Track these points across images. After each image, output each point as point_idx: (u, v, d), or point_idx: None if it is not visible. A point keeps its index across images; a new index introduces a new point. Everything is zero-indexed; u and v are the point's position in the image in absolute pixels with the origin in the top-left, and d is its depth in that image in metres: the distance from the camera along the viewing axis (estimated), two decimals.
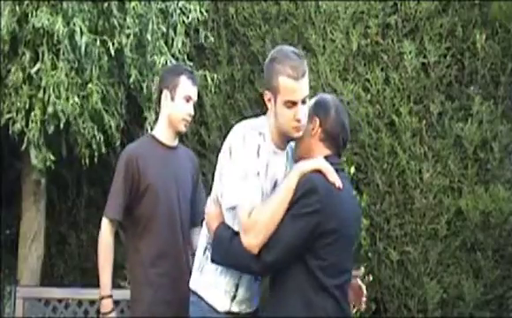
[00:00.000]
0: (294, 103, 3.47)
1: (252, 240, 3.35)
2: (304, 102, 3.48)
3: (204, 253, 3.74)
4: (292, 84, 3.45)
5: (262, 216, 3.37)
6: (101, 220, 4.16)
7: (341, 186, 3.36)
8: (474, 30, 6.39)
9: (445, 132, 6.38)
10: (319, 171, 3.37)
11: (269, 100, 3.55)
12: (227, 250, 3.45)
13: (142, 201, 4.20)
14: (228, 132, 3.66)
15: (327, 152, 3.46)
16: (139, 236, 4.22)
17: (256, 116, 3.74)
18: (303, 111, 3.48)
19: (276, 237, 3.31)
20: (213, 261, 3.55)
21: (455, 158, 6.34)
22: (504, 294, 6.19)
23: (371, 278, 6.25)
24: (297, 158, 3.58)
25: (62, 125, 5.79)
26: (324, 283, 3.34)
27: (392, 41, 6.53)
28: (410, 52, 6.39)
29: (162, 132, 4.31)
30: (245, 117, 3.82)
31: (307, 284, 3.34)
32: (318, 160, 3.41)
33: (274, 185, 3.57)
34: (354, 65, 6.62)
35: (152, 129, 6.03)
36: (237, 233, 3.44)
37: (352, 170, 6.24)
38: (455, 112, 6.41)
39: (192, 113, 4.30)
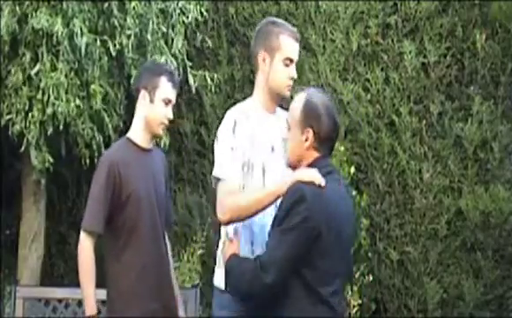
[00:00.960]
0: (291, 61, 3.76)
1: (220, 215, 3.58)
2: (294, 63, 3.79)
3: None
4: (293, 43, 3.76)
5: (235, 203, 3.54)
6: None
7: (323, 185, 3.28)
8: (474, 30, 6.39)
9: (445, 132, 6.38)
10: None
11: (264, 60, 3.77)
12: (233, 275, 3.41)
13: (125, 210, 3.96)
14: None
15: (317, 155, 3.38)
16: (121, 247, 3.98)
17: None
18: (294, 71, 3.77)
19: (273, 255, 3.25)
20: (225, 290, 3.51)
21: (455, 158, 6.34)
22: (504, 294, 6.19)
23: (371, 278, 6.26)
24: (287, 163, 3.53)
25: (61, 127, 5.78)
26: (321, 294, 3.28)
27: (392, 41, 6.53)
28: (410, 52, 6.39)
29: (138, 134, 4.06)
30: None
31: (303, 296, 3.27)
32: (311, 173, 3.33)
33: (272, 150, 3.75)
34: (354, 65, 6.62)
35: None
36: (244, 260, 3.43)
37: (352, 170, 6.24)
38: (455, 112, 6.41)
39: (171, 117, 4.07)
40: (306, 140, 3.38)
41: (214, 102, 6.92)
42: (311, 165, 3.36)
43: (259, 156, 3.74)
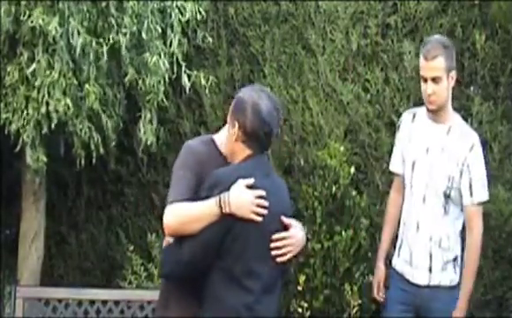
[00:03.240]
0: (425, 79, 4.40)
1: None
2: (434, 80, 4.38)
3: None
4: (423, 63, 4.39)
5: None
6: (100, 220, 4.04)
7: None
8: (474, 30, 6.39)
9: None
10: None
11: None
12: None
13: None
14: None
15: (249, 152, 3.54)
16: None
17: None
18: (432, 88, 4.39)
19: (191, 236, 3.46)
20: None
21: None
22: (504, 295, 6.19)
23: (371, 278, 6.25)
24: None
25: (57, 126, 5.78)
26: (232, 272, 3.44)
27: (392, 41, 6.53)
28: (409, 52, 6.39)
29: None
30: None
31: (216, 275, 3.46)
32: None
33: (427, 151, 4.50)
34: (354, 65, 6.62)
35: (144, 127, 6.08)
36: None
37: (352, 170, 6.24)
38: (456, 112, 6.40)
39: None
40: (234, 133, 3.54)
41: (214, 102, 6.91)
42: (242, 161, 3.53)
43: (412, 153, 4.54)
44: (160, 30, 6.13)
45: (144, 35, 5.99)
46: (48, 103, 5.71)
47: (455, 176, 4.51)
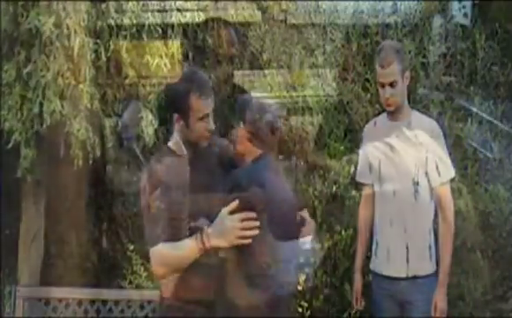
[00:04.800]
0: (382, 85, 4.56)
1: None
2: (391, 84, 4.51)
3: None
4: (380, 71, 4.55)
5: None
6: (100, 220, 4.06)
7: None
8: (474, 30, 6.39)
9: (445, 132, 6.37)
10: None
11: None
12: None
13: None
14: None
15: (259, 152, 3.72)
16: None
17: None
18: (390, 92, 4.52)
19: None
20: None
21: (455, 158, 6.34)
22: (504, 294, 6.19)
23: (370, 278, 6.25)
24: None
25: (55, 125, 5.79)
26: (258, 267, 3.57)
27: (392, 40, 6.53)
28: (409, 52, 6.39)
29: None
30: None
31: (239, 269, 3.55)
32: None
33: (391, 149, 4.61)
34: (354, 65, 6.62)
35: (145, 128, 6.10)
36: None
37: (352, 169, 6.24)
38: (455, 112, 6.41)
39: (212, 127, 3.69)
40: (241, 132, 3.76)
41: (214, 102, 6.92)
42: (255, 160, 3.70)
43: (377, 155, 4.67)
44: (160, 30, 6.15)
45: (144, 36, 6.00)
46: (41, 104, 5.72)
47: (421, 164, 4.62)
